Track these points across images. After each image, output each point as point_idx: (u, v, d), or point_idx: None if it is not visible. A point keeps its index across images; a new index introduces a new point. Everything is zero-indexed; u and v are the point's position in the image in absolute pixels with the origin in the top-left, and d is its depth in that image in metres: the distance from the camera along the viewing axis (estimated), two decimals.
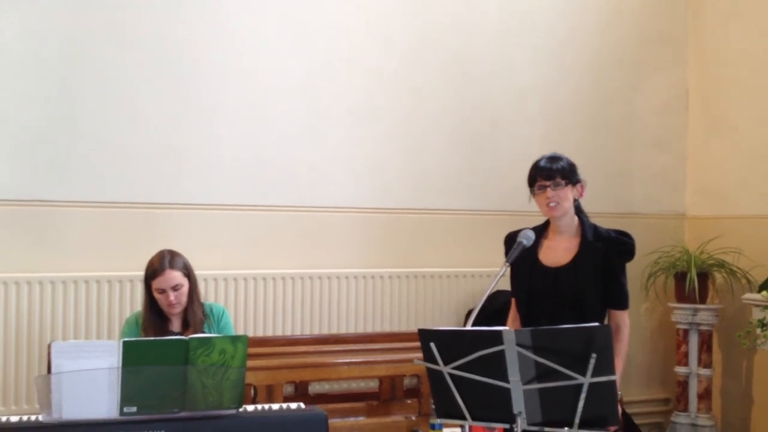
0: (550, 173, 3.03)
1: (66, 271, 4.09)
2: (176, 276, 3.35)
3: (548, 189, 3.02)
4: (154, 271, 3.35)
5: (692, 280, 4.95)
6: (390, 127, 4.80)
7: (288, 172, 4.57)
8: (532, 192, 3.08)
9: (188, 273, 3.41)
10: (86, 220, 4.17)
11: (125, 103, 4.25)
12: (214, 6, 4.43)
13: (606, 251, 3.02)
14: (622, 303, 3.06)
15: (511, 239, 3.12)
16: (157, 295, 3.34)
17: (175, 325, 3.39)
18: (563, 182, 3.02)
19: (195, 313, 3.38)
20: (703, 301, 5.04)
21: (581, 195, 3.13)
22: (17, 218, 4.06)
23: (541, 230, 3.12)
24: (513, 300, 3.20)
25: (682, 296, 5.05)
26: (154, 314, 3.38)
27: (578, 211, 3.12)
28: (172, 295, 3.33)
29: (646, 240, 4.91)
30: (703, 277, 5.04)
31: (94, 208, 4.18)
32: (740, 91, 5.20)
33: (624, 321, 3.06)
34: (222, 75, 4.43)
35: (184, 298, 3.37)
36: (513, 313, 3.20)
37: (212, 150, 4.41)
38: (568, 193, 3.04)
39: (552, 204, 3.02)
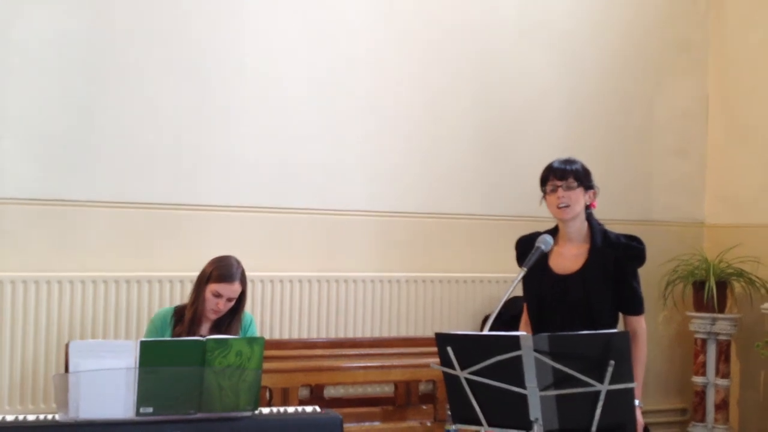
0: (564, 173, 3.01)
1: (85, 271, 4.10)
2: (238, 290, 3.41)
3: (560, 189, 3.00)
4: (222, 275, 3.37)
5: (711, 289, 4.91)
6: (408, 130, 4.80)
7: (306, 174, 4.57)
8: (544, 192, 3.06)
9: (244, 290, 3.45)
10: (106, 220, 4.19)
11: (146, 104, 4.27)
12: (235, 8, 4.44)
13: (616, 257, 2.99)
14: (636, 308, 3.03)
15: (523, 243, 3.11)
16: (209, 296, 3.37)
17: (204, 328, 3.42)
18: (575, 184, 2.99)
19: (232, 326, 3.42)
20: (721, 310, 5.00)
21: (593, 203, 3.08)
22: (38, 217, 4.08)
23: (552, 236, 3.07)
24: (525, 305, 3.19)
25: (700, 305, 5.01)
26: (196, 313, 3.40)
27: (589, 218, 3.09)
28: (223, 304, 3.38)
29: (665, 248, 4.89)
30: (722, 286, 4.99)
31: (114, 209, 4.20)
32: (761, 97, 5.16)
33: (640, 326, 3.02)
34: (241, 77, 4.45)
35: (226, 310, 3.41)
36: (525, 318, 3.19)
37: (231, 152, 4.43)
38: (580, 197, 3.01)
39: (562, 205, 2.99)
